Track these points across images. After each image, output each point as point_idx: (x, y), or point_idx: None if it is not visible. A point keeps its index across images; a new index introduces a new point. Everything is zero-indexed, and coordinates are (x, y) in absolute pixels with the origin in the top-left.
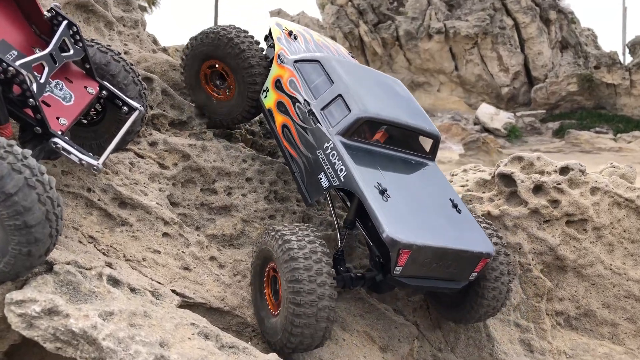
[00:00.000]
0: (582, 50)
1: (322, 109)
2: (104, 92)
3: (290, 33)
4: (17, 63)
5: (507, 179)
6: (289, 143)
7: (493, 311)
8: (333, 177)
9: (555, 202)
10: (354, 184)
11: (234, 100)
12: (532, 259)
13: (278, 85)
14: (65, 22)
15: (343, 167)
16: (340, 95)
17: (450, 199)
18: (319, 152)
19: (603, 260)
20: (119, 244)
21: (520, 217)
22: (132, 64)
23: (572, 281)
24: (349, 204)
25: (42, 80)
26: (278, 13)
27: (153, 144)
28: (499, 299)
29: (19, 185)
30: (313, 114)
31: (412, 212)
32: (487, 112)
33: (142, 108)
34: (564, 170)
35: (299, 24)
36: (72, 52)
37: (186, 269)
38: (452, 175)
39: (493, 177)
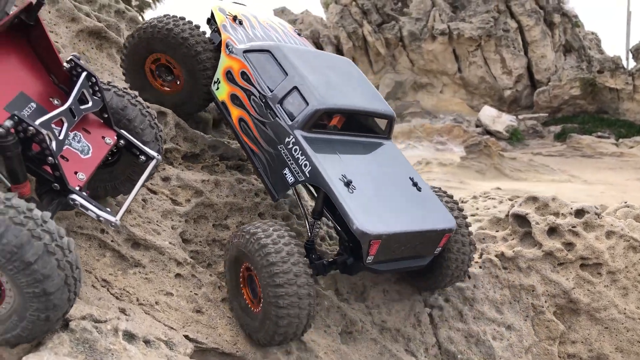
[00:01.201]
0: (586, 54)
1: (279, 102)
2: (122, 141)
3: (234, 18)
4: (37, 122)
5: (521, 219)
6: (248, 137)
7: (457, 278)
8: (298, 173)
9: (569, 245)
10: (320, 179)
11: (185, 91)
12: (545, 301)
13: (229, 77)
14: (84, 74)
15: (307, 163)
16: (295, 87)
17: (410, 177)
18: (280, 147)
19: (617, 304)
20: (132, 287)
21: (534, 259)
22: (148, 106)
23: (585, 324)
24: (315, 194)
25: (61, 137)
26: (282, 12)
27: (166, 179)
28: (461, 268)
29: (38, 253)
30: (270, 107)
31: (377, 199)
32: (489, 114)
33: (159, 157)
34: (580, 212)
35: (302, 23)
36: (90, 103)
37: (199, 311)
38: (462, 202)
39: (507, 215)
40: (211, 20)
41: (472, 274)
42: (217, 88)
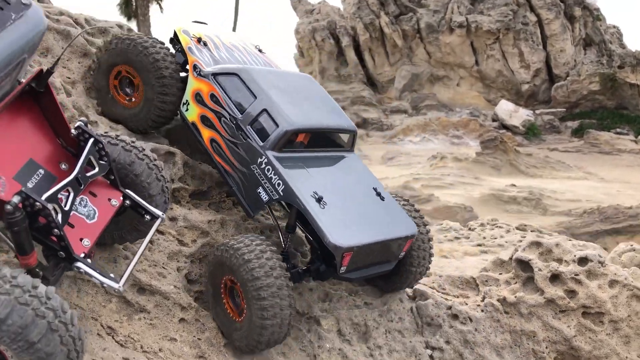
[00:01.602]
0: (607, 48)
1: (250, 124)
2: (127, 201)
3: (199, 40)
4: (44, 196)
5: (524, 264)
6: (220, 157)
7: (420, 275)
8: (272, 192)
9: (572, 293)
10: (293, 197)
11: (141, 107)
12: (546, 347)
13: (199, 99)
14: (91, 140)
15: (280, 182)
16: (265, 109)
17: (373, 187)
18: (253, 167)
19: (619, 352)
20: (136, 334)
21: (536, 305)
22: (155, 158)
23: None
24: (287, 209)
25: (67, 208)
26: (299, 1)
27: (173, 219)
28: (423, 264)
29: (42, 332)
30: (241, 129)
31: (346, 212)
32: (506, 108)
33: (163, 216)
34: (583, 260)
35: (319, 13)
36: (97, 169)
37: (201, 357)
38: (470, 229)
39: (511, 258)
40: (174, 41)
41: (474, 317)
42: (187, 109)
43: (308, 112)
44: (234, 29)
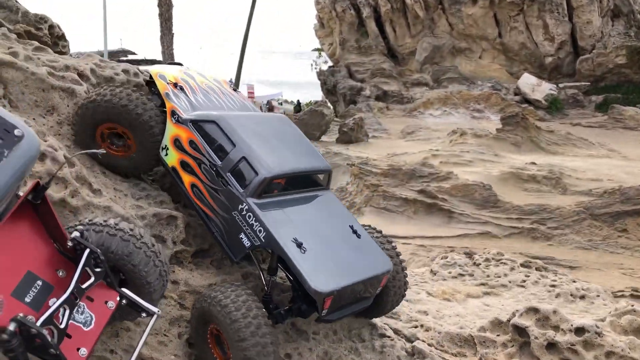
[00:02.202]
0: (635, 19)
1: (230, 171)
2: (124, 300)
3: (175, 85)
4: (39, 321)
5: (521, 329)
6: (202, 202)
7: (397, 303)
8: (254, 238)
9: None
10: (274, 244)
11: (137, 155)
12: None
13: (178, 144)
14: (87, 252)
15: (262, 229)
16: (244, 157)
17: (349, 225)
18: (234, 214)
19: None
20: None
21: None
22: (153, 244)
23: None
24: (269, 251)
25: (62, 326)
26: None
27: (175, 282)
28: (399, 293)
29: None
30: (221, 175)
31: (325, 255)
32: (528, 82)
33: (159, 312)
34: (580, 330)
35: None
36: (92, 279)
37: None
38: (475, 264)
39: (508, 321)
40: (151, 83)
41: None
42: (166, 154)
43: (285, 157)
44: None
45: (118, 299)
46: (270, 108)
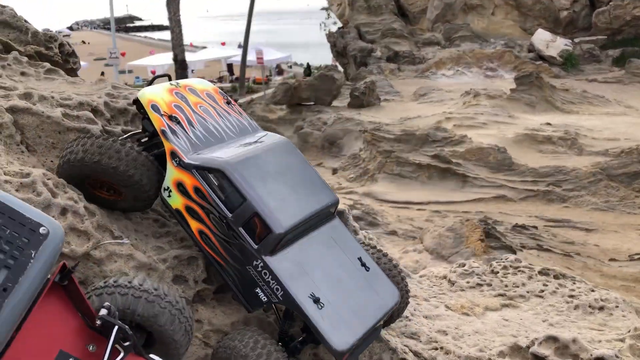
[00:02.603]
0: None
1: (242, 225)
2: None
3: (170, 117)
4: None
5: (540, 358)
6: (212, 250)
7: (398, 317)
8: (271, 295)
9: None
10: (292, 303)
11: (130, 199)
12: None
13: (182, 189)
14: (115, 329)
15: (279, 287)
16: (256, 213)
17: (358, 258)
18: (249, 269)
19: None
20: None
21: None
22: (177, 301)
23: None
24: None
25: None
26: None
27: (199, 321)
28: (402, 309)
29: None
30: (232, 229)
31: (341, 307)
32: (542, 38)
33: None
34: None
35: None
36: (122, 354)
37: None
38: (493, 272)
39: (528, 347)
40: (140, 107)
41: None
42: (169, 196)
43: (296, 203)
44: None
45: None
46: (279, 71)
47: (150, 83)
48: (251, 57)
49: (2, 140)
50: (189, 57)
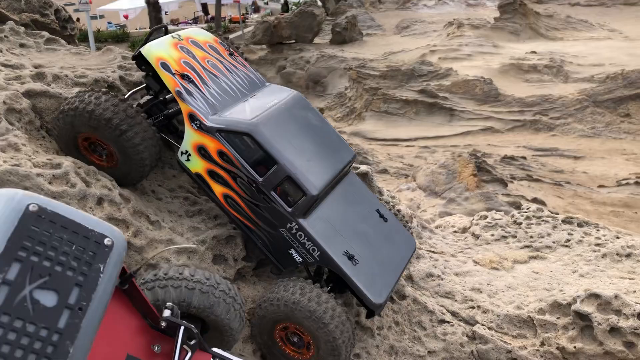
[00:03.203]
0: None
1: (273, 189)
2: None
3: (183, 76)
4: None
5: (582, 315)
6: (239, 214)
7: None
8: (306, 255)
9: (631, 345)
10: (329, 262)
11: (123, 167)
12: None
13: (203, 153)
14: (181, 329)
15: (315, 248)
16: (289, 176)
17: (376, 210)
18: (282, 231)
19: None
20: None
21: (594, 355)
22: (230, 289)
23: None
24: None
25: None
26: None
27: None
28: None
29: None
30: (263, 192)
31: (372, 261)
32: None
33: None
34: None
35: None
36: (189, 353)
37: None
38: (516, 222)
39: (568, 304)
40: (141, 63)
41: None
42: (188, 159)
43: (323, 163)
44: None
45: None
46: (256, 9)
47: (149, 36)
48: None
49: (23, 127)
50: None
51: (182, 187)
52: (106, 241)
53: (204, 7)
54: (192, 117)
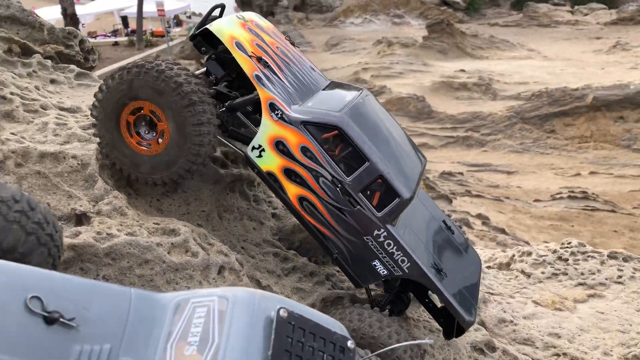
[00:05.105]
0: None
1: (361, 190)
2: None
3: (259, 59)
4: None
5: None
6: (315, 219)
7: None
8: (393, 267)
9: None
10: (420, 276)
11: (172, 151)
12: None
13: (281, 148)
14: None
15: (405, 259)
16: (382, 176)
17: (443, 221)
18: (367, 239)
19: None
20: None
21: None
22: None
23: None
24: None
25: None
26: None
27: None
28: None
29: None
30: (349, 194)
31: (456, 275)
32: None
33: None
34: None
35: None
36: None
37: None
38: (562, 259)
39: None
40: (202, 44)
41: None
42: (260, 155)
43: (407, 165)
44: None
45: None
46: (178, 22)
47: (209, 13)
48: (148, 8)
49: (115, 184)
50: (79, 10)
51: (266, 240)
52: (349, 344)
53: (124, 19)
54: (273, 107)
